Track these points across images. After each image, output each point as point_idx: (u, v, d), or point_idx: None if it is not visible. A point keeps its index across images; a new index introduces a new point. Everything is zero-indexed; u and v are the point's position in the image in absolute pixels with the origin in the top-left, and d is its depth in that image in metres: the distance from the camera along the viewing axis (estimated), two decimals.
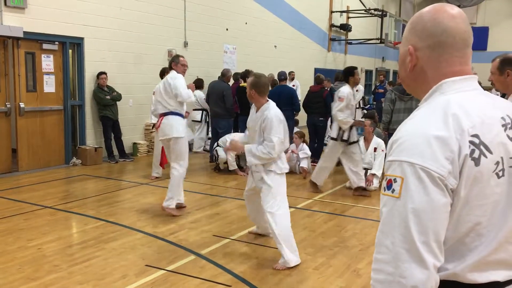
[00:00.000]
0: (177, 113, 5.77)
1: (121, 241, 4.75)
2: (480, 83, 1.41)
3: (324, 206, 6.30)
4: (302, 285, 3.84)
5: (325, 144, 10.20)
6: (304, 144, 8.34)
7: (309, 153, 8.31)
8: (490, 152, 1.19)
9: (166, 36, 10.41)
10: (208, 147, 10.05)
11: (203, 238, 4.92)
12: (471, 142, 1.18)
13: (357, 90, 14.25)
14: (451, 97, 1.26)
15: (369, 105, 15.76)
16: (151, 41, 10.06)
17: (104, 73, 8.88)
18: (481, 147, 1.18)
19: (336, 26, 17.90)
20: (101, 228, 5.15)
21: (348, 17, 18.72)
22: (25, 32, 7.61)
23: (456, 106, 1.22)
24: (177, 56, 6.03)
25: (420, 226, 1.14)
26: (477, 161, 1.17)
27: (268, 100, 4.36)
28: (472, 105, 1.24)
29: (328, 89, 9.50)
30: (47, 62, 8.28)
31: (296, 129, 9.25)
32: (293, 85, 13.14)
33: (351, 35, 18.79)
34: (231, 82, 10.02)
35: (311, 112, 9.24)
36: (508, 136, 1.25)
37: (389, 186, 1.20)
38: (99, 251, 4.48)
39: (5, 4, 7.38)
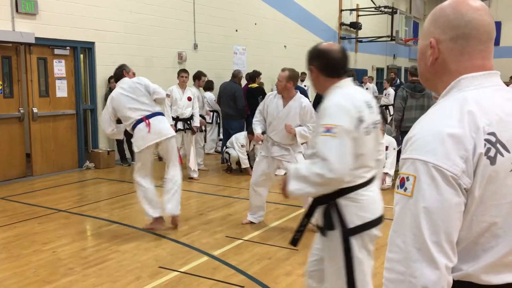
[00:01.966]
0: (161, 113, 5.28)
1: (134, 243, 4.78)
2: None
3: None
4: None
5: None
6: None
7: None
8: (507, 151, 1.16)
9: (176, 38, 10.45)
10: (219, 149, 10.07)
11: (216, 239, 4.92)
12: (487, 140, 1.14)
13: (367, 89, 14.19)
14: (469, 93, 1.22)
15: (379, 104, 15.70)
16: (161, 44, 10.11)
17: None
18: (498, 145, 1.15)
19: (346, 25, 17.82)
20: (114, 231, 5.19)
21: (358, 15, 18.63)
22: (36, 38, 7.69)
23: (473, 103, 1.18)
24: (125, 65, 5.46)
25: (432, 226, 1.12)
26: (493, 160, 1.14)
27: (297, 91, 5.06)
28: (490, 102, 1.20)
29: None
30: (59, 67, 8.37)
31: None
32: (305, 85, 13.12)
33: (361, 33, 18.70)
34: (244, 82, 10.01)
35: None
36: None
37: (402, 184, 1.18)
38: (113, 253, 4.51)
39: (17, 10, 7.47)
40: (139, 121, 5.04)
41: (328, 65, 2.47)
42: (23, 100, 7.92)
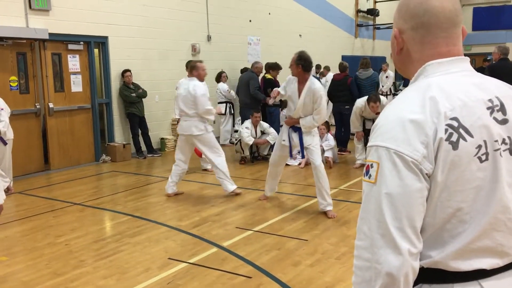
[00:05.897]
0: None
1: (146, 235, 4.83)
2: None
3: (350, 195, 6.21)
4: (324, 275, 3.80)
5: (352, 134, 10.08)
6: (329, 134, 8.23)
7: (333, 143, 8.19)
8: (471, 136, 1.15)
9: (189, 30, 10.45)
10: (234, 140, 10.08)
11: (226, 230, 4.93)
12: (449, 125, 1.14)
13: (386, 76, 13.99)
14: (434, 79, 1.22)
15: (400, 91, 15.45)
16: (175, 36, 10.12)
17: (129, 70, 8.99)
18: (460, 130, 1.14)
19: (363, 11, 17.55)
20: (127, 223, 5.24)
21: (375, 1, 18.32)
22: (50, 34, 7.78)
23: (436, 89, 1.18)
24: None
25: (394, 212, 1.12)
26: (455, 145, 1.13)
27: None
28: (454, 88, 1.20)
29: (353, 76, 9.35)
30: (73, 62, 8.46)
31: None
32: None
33: (379, 20, 18.39)
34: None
35: (336, 100, 9.12)
36: (495, 118, 1.20)
37: (367, 171, 1.19)
38: (124, 245, 4.56)
39: (30, 7, 7.57)
40: None
41: None
42: (39, 95, 8.05)
